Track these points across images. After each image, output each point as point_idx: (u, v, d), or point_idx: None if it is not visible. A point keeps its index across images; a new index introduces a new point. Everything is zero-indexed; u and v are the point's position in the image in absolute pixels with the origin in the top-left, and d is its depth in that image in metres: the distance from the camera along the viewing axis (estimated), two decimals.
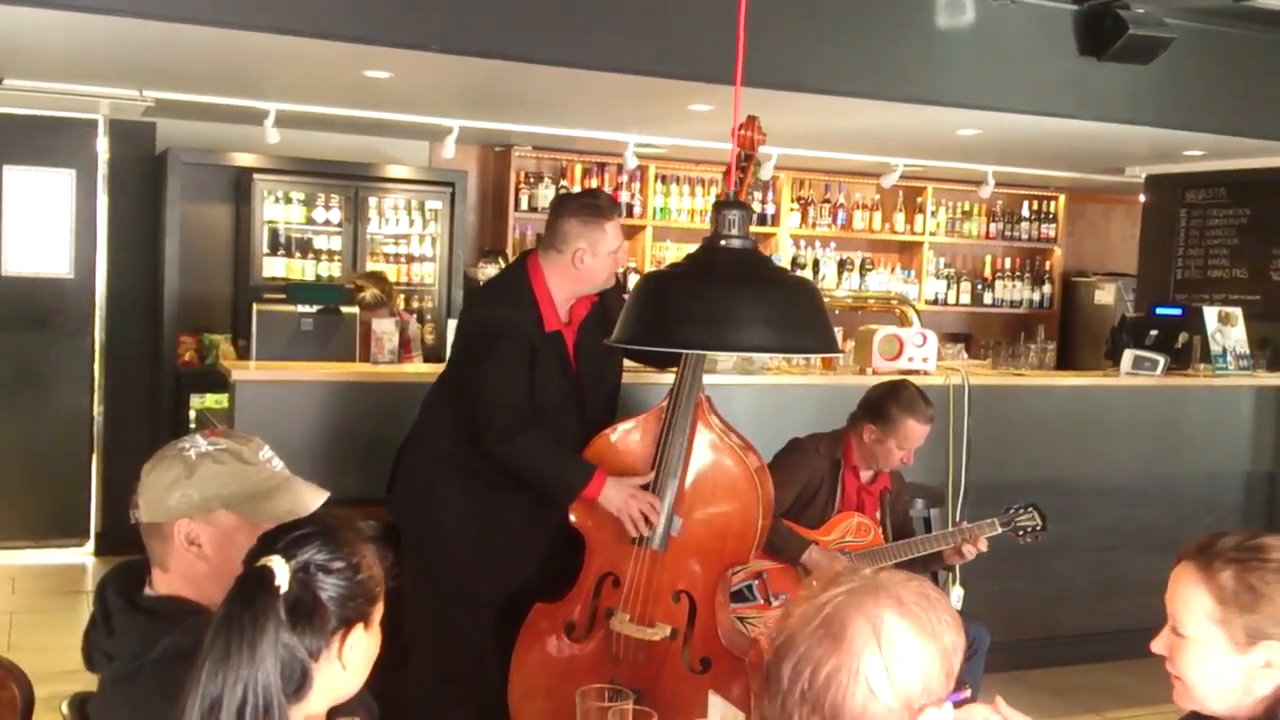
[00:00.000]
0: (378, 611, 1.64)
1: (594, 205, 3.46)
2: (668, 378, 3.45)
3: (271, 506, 1.86)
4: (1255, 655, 1.81)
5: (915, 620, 1.41)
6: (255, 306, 5.07)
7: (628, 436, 3.38)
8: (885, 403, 3.86)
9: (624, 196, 7.68)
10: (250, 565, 1.56)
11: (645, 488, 3.28)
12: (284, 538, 1.58)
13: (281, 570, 1.53)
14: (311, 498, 1.90)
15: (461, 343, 3.56)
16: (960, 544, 3.87)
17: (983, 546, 3.89)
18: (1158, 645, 1.91)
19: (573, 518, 3.38)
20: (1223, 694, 1.84)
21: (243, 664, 1.48)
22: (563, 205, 3.52)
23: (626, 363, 3.80)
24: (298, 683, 1.53)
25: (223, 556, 1.83)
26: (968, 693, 1.47)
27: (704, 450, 3.31)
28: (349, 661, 1.60)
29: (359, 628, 1.61)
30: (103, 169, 6.77)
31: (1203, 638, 1.83)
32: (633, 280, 7.42)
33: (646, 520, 3.26)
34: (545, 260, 3.45)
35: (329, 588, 1.56)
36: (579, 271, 3.42)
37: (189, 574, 1.85)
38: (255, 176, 6.78)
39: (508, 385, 3.34)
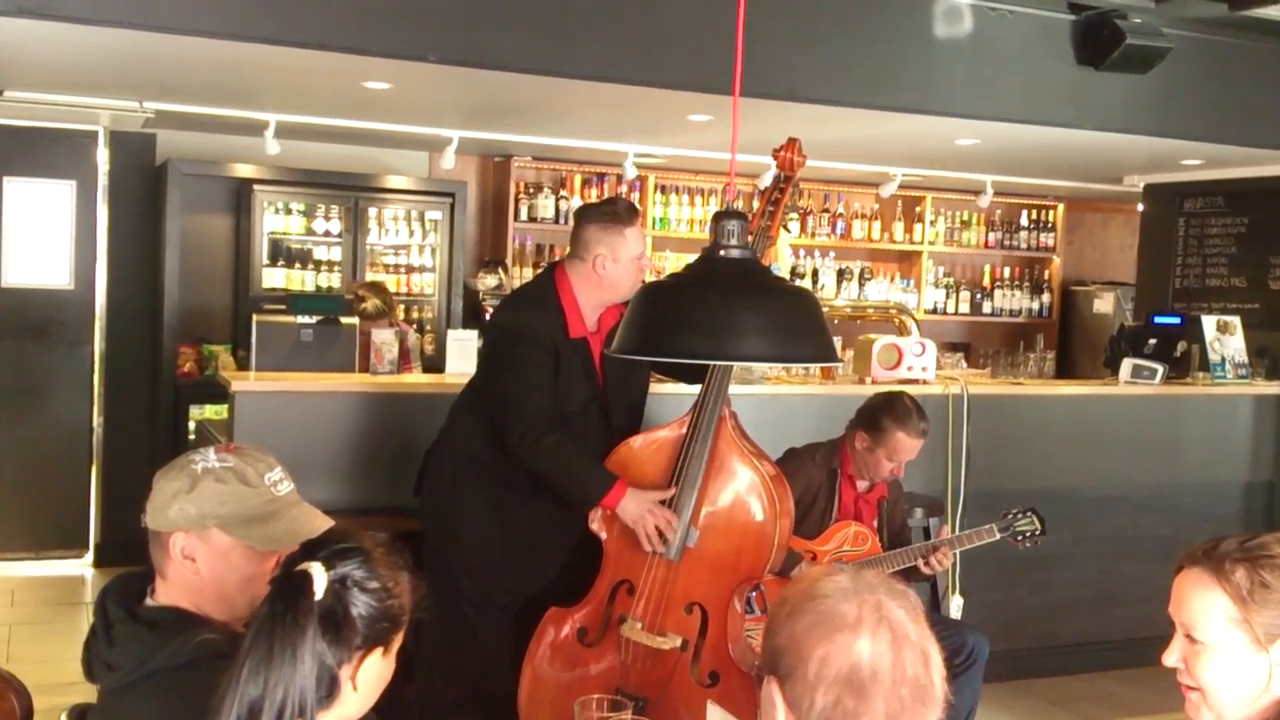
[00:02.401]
0: (397, 640, 1.66)
1: (612, 212, 3.55)
2: (695, 389, 3.46)
3: (266, 531, 1.84)
4: (1275, 653, 1.79)
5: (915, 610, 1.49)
6: (255, 317, 5.08)
7: (650, 446, 3.39)
8: (879, 413, 3.87)
9: None
10: (289, 569, 1.57)
11: (665, 503, 3.28)
12: (327, 547, 1.60)
13: (320, 577, 1.55)
14: (314, 524, 1.87)
15: (486, 348, 3.65)
16: (928, 556, 3.86)
17: (948, 563, 3.90)
18: (1170, 658, 1.87)
19: (591, 524, 3.40)
20: (1243, 700, 1.82)
21: (284, 665, 1.50)
22: (583, 214, 3.62)
23: (653, 375, 3.83)
24: (328, 689, 1.54)
25: (215, 575, 1.84)
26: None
27: (725, 466, 3.30)
28: (361, 683, 1.61)
29: (378, 651, 1.62)
30: (103, 180, 6.78)
31: (1223, 641, 1.81)
32: None
33: (661, 536, 3.26)
34: (571, 269, 3.53)
35: (360, 605, 1.57)
36: (602, 278, 3.47)
37: (186, 585, 1.86)
38: (255, 187, 6.79)
39: (532, 389, 3.39)
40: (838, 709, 1.41)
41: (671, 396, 4.22)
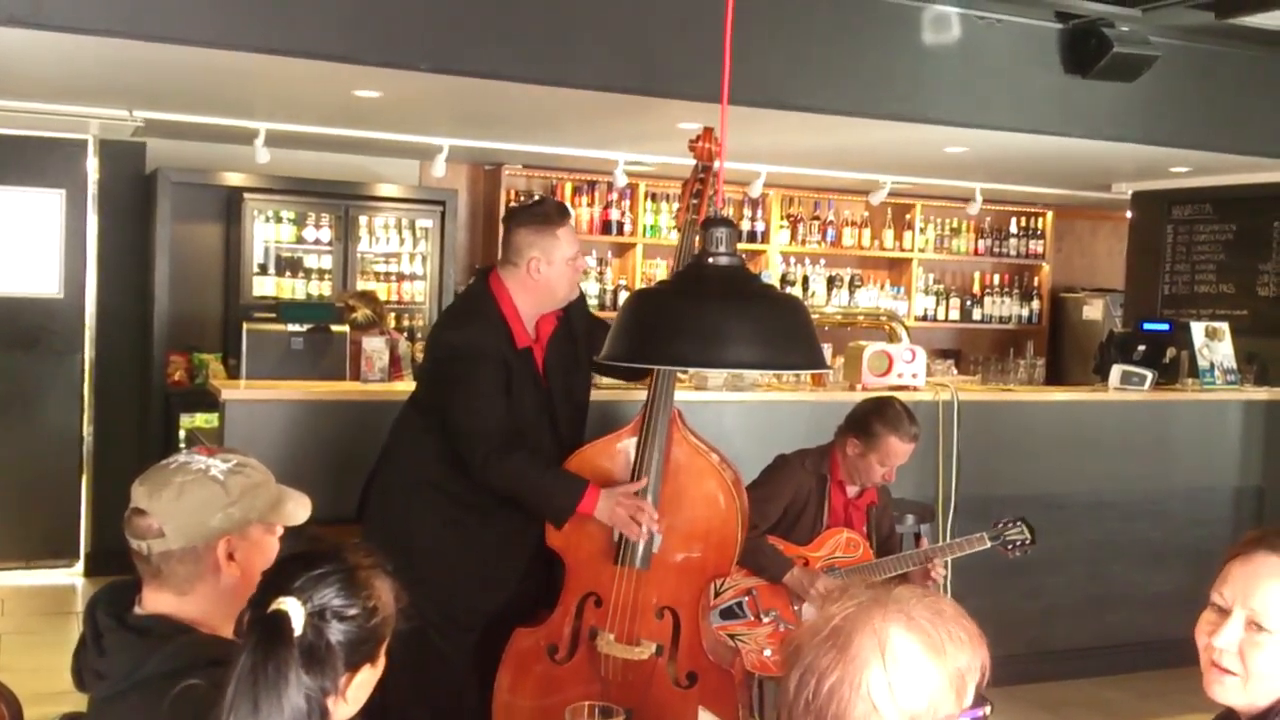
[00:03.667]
0: (384, 645, 1.66)
1: (542, 213, 3.44)
2: (639, 395, 3.44)
3: (281, 512, 1.92)
4: None
5: (924, 637, 1.39)
6: (245, 325, 5.07)
7: (603, 454, 3.36)
8: (869, 418, 3.87)
9: (614, 214, 7.72)
10: (263, 605, 1.54)
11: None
12: (301, 576, 1.57)
13: (297, 614, 1.53)
14: (303, 499, 1.97)
15: (433, 367, 3.50)
16: (927, 566, 3.87)
17: (939, 573, 3.91)
18: (1224, 640, 1.81)
19: (551, 539, 3.36)
20: None
21: (272, 713, 1.48)
22: (513, 218, 3.50)
23: (596, 379, 3.78)
24: (319, 718, 1.53)
25: (251, 565, 1.86)
26: (987, 709, 1.43)
27: (680, 464, 3.30)
28: (352, 695, 1.62)
29: (366, 666, 1.62)
30: (92, 189, 6.77)
31: None
32: (623, 298, 7.46)
33: (639, 526, 3.23)
34: (505, 276, 3.42)
35: (340, 634, 1.56)
36: (537, 282, 3.38)
37: (212, 592, 1.85)
38: (245, 196, 6.80)
39: (488, 409, 3.30)
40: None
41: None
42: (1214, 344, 5.96)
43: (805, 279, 8.32)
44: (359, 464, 4.32)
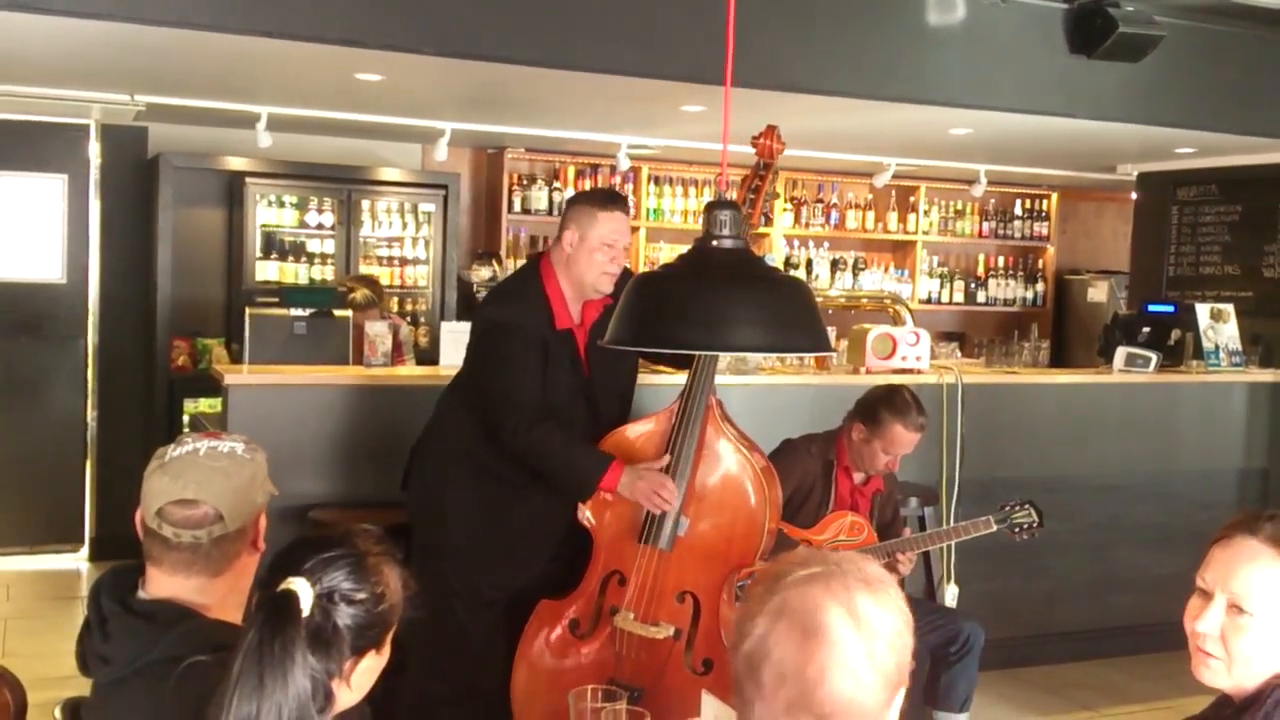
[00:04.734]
0: (390, 633, 1.66)
1: (593, 192, 3.60)
2: (681, 379, 3.46)
3: (272, 483, 1.97)
4: None
5: (882, 594, 1.41)
6: (248, 310, 5.06)
7: (639, 436, 3.39)
8: (877, 405, 3.87)
9: None
10: (272, 586, 1.56)
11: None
12: (311, 558, 1.58)
13: (306, 594, 1.54)
14: None
15: (474, 341, 3.60)
16: (895, 558, 3.85)
17: (909, 566, 3.88)
18: (1206, 624, 1.83)
19: (581, 516, 3.40)
20: (1270, 670, 1.80)
21: (277, 690, 1.49)
22: (571, 197, 3.61)
23: (642, 363, 3.83)
24: (322, 703, 1.54)
25: (262, 540, 1.92)
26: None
27: (713, 453, 3.32)
28: (355, 682, 1.62)
29: (371, 653, 1.63)
30: (94, 174, 6.76)
31: (1276, 616, 1.78)
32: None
33: (657, 525, 3.26)
34: (553, 256, 3.51)
35: (347, 617, 1.57)
36: (569, 256, 3.44)
37: (248, 566, 1.89)
38: (247, 180, 6.78)
39: (522, 381, 3.38)
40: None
41: (660, 387, 4.21)
42: (1219, 326, 5.94)
43: (809, 262, 8.30)
44: (362, 448, 4.34)
